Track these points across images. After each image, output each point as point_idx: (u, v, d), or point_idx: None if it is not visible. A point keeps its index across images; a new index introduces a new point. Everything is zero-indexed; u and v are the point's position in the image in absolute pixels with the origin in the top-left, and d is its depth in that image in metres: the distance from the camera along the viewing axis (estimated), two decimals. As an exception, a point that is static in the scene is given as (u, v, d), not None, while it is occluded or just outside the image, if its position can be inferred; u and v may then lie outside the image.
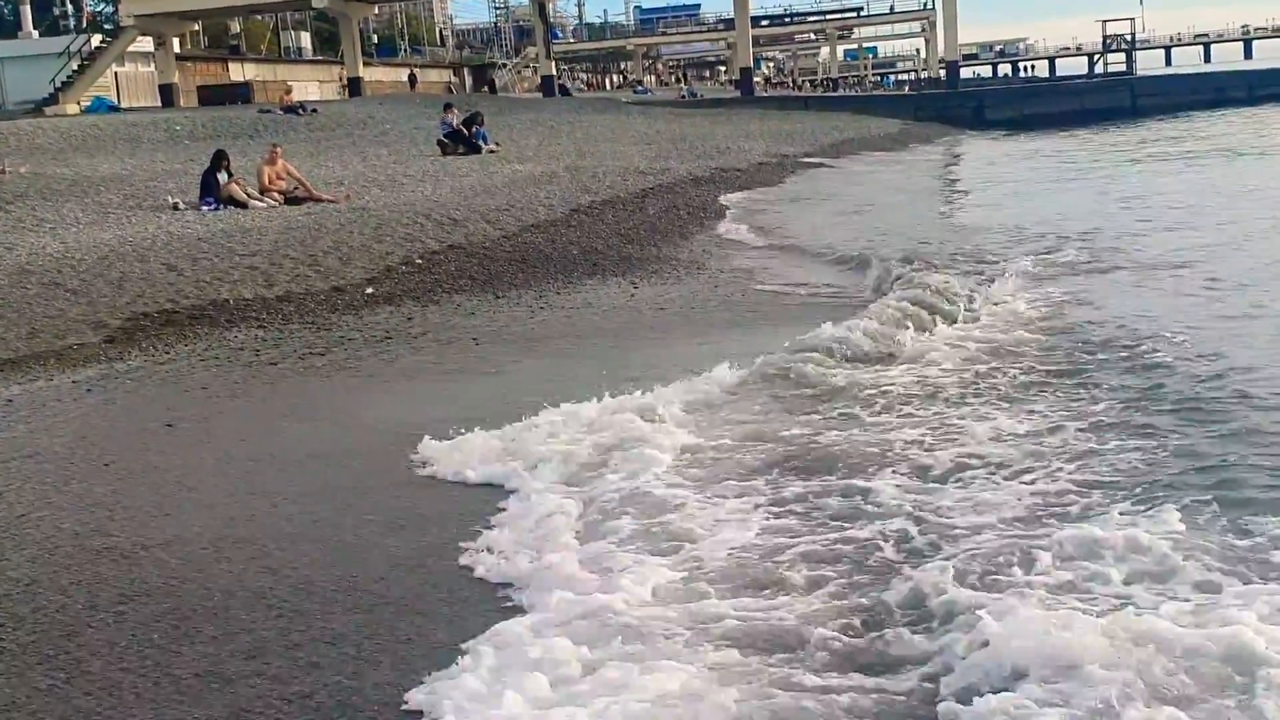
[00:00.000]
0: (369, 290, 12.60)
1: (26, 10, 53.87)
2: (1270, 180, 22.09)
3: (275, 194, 17.96)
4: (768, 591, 4.82)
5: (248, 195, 17.60)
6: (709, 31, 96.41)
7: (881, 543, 5.23)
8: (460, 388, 8.74)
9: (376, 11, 70.91)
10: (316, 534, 5.83)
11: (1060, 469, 6.06)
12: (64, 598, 5.16)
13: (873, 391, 7.83)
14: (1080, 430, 6.68)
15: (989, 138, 43.83)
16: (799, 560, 5.11)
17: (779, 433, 7.01)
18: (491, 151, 26.47)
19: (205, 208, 17.14)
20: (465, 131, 26.88)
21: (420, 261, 13.96)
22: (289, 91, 40.47)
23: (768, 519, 5.64)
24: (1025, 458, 6.28)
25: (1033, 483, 5.90)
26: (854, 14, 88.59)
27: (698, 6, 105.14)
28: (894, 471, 6.19)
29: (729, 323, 10.97)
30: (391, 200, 17.77)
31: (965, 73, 72.20)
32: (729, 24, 70.38)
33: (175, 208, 17.10)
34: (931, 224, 18.71)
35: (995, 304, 10.57)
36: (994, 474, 6.08)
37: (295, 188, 18.29)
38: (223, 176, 17.79)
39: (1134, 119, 47.25)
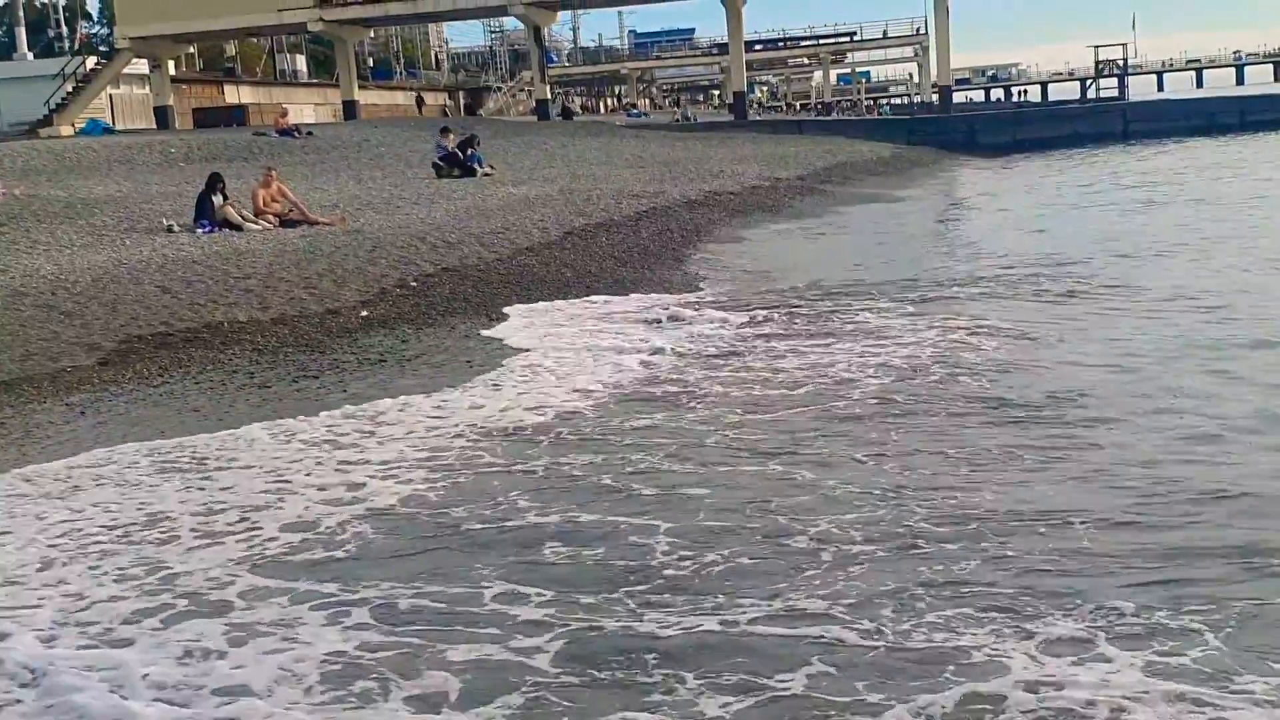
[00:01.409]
0: (364, 313, 12.61)
1: (21, 32, 54.02)
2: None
3: (270, 216, 17.95)
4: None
5: (243, 218, 17.59)
6: (703, 56, 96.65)
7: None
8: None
9: (372, 35, 71.07)
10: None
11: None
12: (56, 622, 5.15)
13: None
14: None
15: (981, 162, 43.91)
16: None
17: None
18: (486, 174, 26.50)
19: (200, 230, 17.14)
20: (460, 154, 26.92)
21: (415, 284, 13.98)
22: (284, 114, 40.39)
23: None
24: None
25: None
26: (847, 39, 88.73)
27: (692, 31, 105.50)
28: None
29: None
30: (386, 223, 17.78)
31: (958, 97, 72.49)
32: (723, 48, 70.44)
33: (170, 230, 17.09)
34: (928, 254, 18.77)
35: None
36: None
37: (290, 210, 18.28)
38: (218, 199, 17.78)
39: (1125, 143, 47.46)
